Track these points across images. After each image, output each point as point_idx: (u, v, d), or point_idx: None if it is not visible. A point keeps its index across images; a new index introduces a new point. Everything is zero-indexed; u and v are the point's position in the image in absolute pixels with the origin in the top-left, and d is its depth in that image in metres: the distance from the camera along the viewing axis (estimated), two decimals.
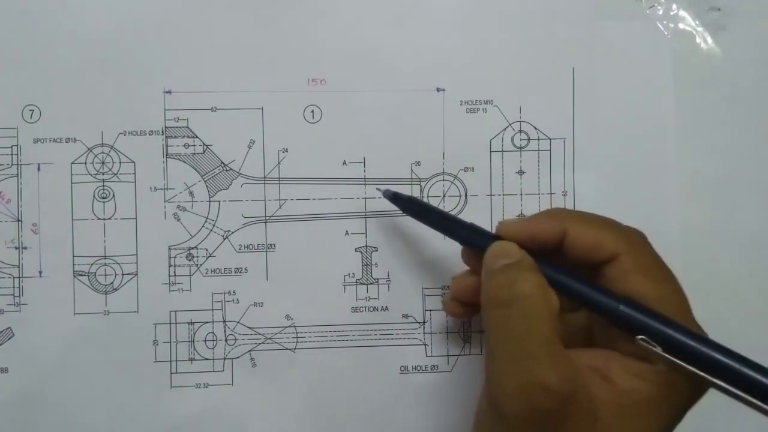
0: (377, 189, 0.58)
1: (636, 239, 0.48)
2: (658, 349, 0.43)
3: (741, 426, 0.59)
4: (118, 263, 0.58)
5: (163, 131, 0.58)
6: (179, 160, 0.58)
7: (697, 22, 0.61)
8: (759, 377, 0.42)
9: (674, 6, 0.61)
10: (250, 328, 0.59)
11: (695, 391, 0.44)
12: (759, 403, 0.42)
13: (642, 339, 0.43)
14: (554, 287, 0.45)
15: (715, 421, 0.60)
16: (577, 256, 0.48)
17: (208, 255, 0.58)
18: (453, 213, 0.59)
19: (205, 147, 0.58)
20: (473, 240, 0.51)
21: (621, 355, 0.45)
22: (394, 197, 0.56)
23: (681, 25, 0.61)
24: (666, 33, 0.61)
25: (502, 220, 0.51)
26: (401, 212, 0.55)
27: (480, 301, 0.48)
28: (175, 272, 0.58)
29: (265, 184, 0.59)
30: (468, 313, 0.54)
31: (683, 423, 0.45)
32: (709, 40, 0.61)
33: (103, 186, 0.58)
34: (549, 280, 0.45)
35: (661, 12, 0.61)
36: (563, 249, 0.48)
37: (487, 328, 0.45)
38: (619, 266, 0.46)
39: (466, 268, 0.53)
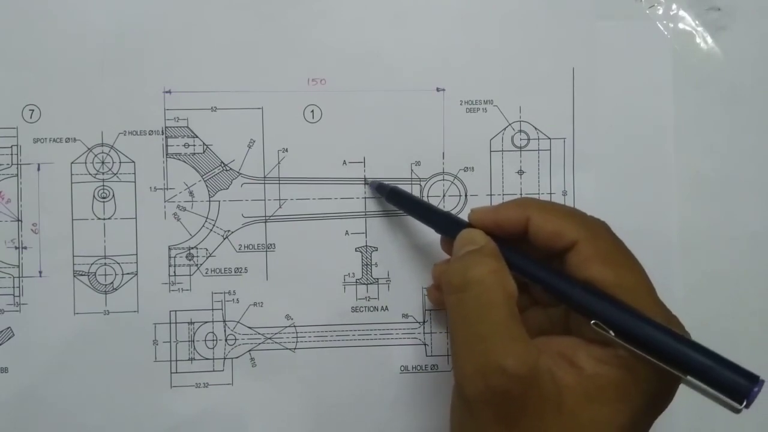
0: (364, 182, 0.59)
1: (597, 227, 0.49)
2: (610, 333, 0.43)
3: (741, 427, 0.59)
4: (118, 263, 0.58)
5: (163, 131, 0.58)
6: (179, 159, 0.58)
7: (697, 22, 0.61)
8: (707, 361, 0.42)
9: (674, 6, 0.61)
10: (250, 327, 0.59)
11: (658, 378, 0.44)
12: (706, 387, 0.41)
13: (595, 323, 0.44)
14: (517, 273, 0.46)
15: (716, 423, 0.60)
16: (540, 243, 0.48)
17: (208, 255, 0.58)
18: (454, 212, 0.59)
19: (205, 147, 0.58)
20: (447, 228, 0.52)
21: (587, 342, 0.45)
22: (379, 187, 0.57)
23: (681, 25, 0.61)
24: (666, 33, 0.61)
25: (474, 208, 0.51)
26: (401, 212, 0.55)
27: None
28: (175, 272, 0.58)
29: (265, 183, 0.59)
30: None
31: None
32: (709, 40, 0.61)
33: (103, 186, 0.58)
34: (511, 265, 0.46)
35: (660, 12, 0.61)
36: (528, 237, 0.49)
37: (448, 312, 0.46)
38: (579, 253, 0.46)
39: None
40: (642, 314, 0.43)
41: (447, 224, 0.52)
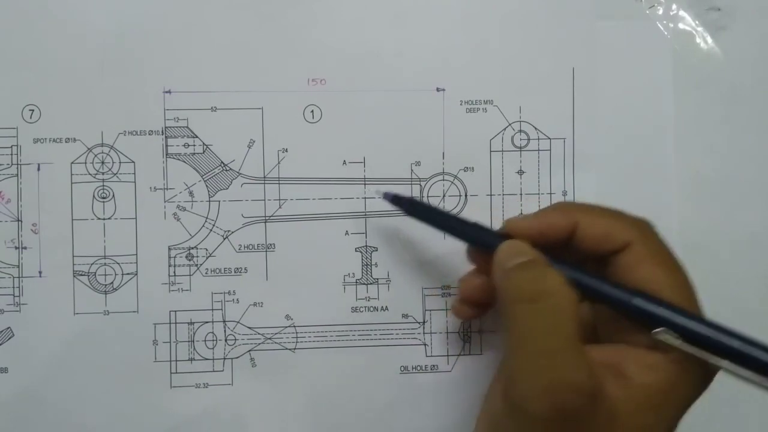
0: (376, 192, 0.58)
1: (646, 227, 0.48)
2: (678, 341, 0.43)
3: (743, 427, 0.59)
4: (118, 263, 0.58)
5: (162, 131, 0.58)
6: (179, 160, 0.58)
7: (697, 22, 0.61)
8: None
9: (674, 6, 0.61)
10: (249, 328, 0.59)
11: (707, 376, 0.44)
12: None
13: (659, 331, 0.43)
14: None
15: (715, 423, 0.60)
16: (587, 247, 0.47)
17: (208, 255, 0.58)
18: (453, 213, 0.59)
19: (204, 147, 0.58)
20: (481, 239, 0.51)
21: (633, 348, 0.45)
22: (395, 199, 0.55)
23: (681, 25, 0.61)
24: (666, 33, 0.61)
25: (509, 218, 0.50)
26: (401, 212, 0.55)
27: (486, 299, 0.50)
28: (174, 272, 0.58)
29: (264, 184, 0.59)
30: (478, 313, 0.54)
31: (685, 423, 0.45)
32: (709, 40, 0.61)
33: (103, 186, 0.58)
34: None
35: (660, 12, 0.61)
36: (572, 242, 0.48)
37: (511, 324, 0.44)
38: (631, 255, 0.46)
39: (469, 268, 0.53)
40: (704, 317, 0.44)
41: (481, 235, 0.51)
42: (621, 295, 0.45)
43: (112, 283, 0.58)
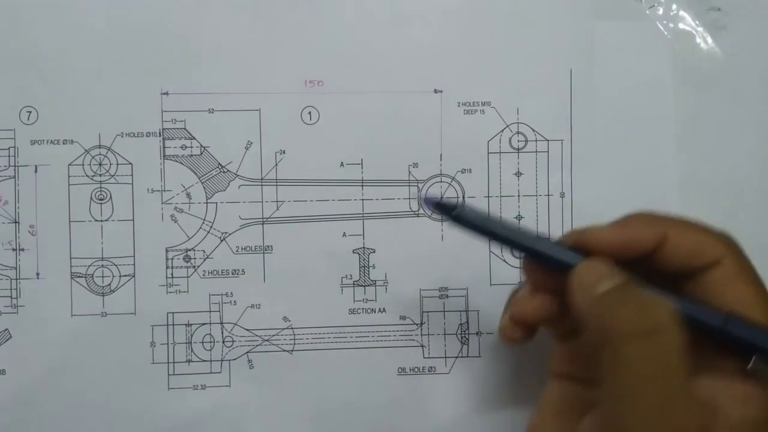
0: (417, 194, 0.59)
1: (733, 242, 0.45)
2: None
3: None
4: (116, 265, 0.58)
5: (160, 133, 0.58)
6: (176, 161, 0.58)
7: (697, 22, 0.61)
8: None
9: (674, 6, 0.61)
10: (247, 329, 0.59)
11: None
12: None
13: (756, 359, 0.40)
14: None
15: None
16: (675, 263, 0.43)
17: (206, 256, 0.58)
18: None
19: (202, 148, 0.58)
20: (552, 256, 0.45)
21: (725, 379, 0.41)
22: (439, 207, 0.48)
23: (681, 25, 0.61)
24: (666, 33, 0.61)
25: (584, 228, 0.46)
26: (397, 214, 0.55)
27: (545, 321, 0.46)
28: (172, 274, 0.58)
29: (262, 185, 0.59)
30: (531, 336, 0.48)
31: None
32: (709, 40, 0.61)
33: (101, 188, 0.58)
34: None
35: (661, 12, 0.61)
36: (658, 256, 0.44)
37: (618, 364, 0.38)
38: (722, 272, 0.42)
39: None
40: None
41: (552, 252, 0.45)
42: (713, 319, 0.41)
43: (109, 284, 0.58)
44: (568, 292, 0.43)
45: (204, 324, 0.58)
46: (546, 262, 0.45)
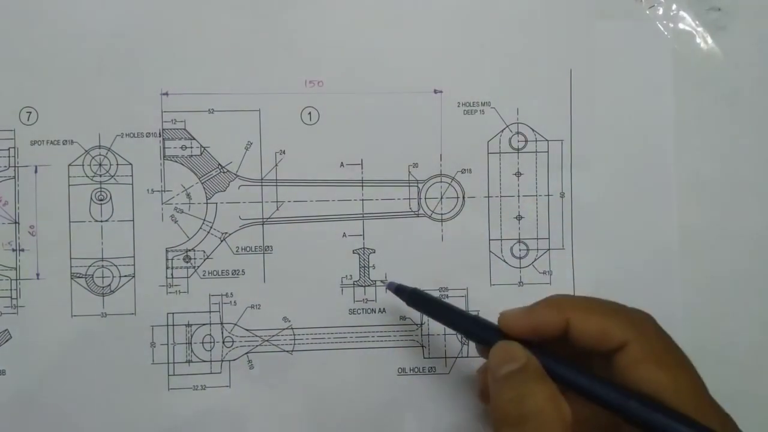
0: (381, 282, 0.59)
1: (644, 324, 0.47)
2: None
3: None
4: (116, 265, 0.58)
5: (160, 133, 0.58)
6: (176, 161, 0.58)
7: (697, 22, 0.61)
8: None
9: (674, 6, 0.61)
10: (247, 330, 0.59)
11: None
12: None
13: None
14: (560, 383, 0.44)
15: None
16: (584, 345, 0.46)
17: (206, 257, 0.58)
18: (450, 215, 0.59)
19: (202, 149, 0.58)
20: (478, 334, 0.50)
21: None
22: (398, 290, 0.55)
23: (681, 25, 0.61)
24: (666, 33, 0.61)
25: (504, 311, 0.49)
26: (397, 214, 0.55)
27: None
28: (172, 274, 0.58)
29: (262, 185, 0.59)
30: None
31: None
32: (709, 40, 0.61)
33: (101, 188, 0.58)
34: (554, 376, 0.45)
35: (661, 12, 0.61)
36: (569, 339, 0.47)
37: None
38: (629, 355, 0.45)
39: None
40: (703, 427, 0.42)
41: (476, 330, 0.50)
42: (617, 398, 0.44)
43: (109, 285, 0.58)
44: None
45: (204, 324, 0.58)
46: (477, 342, 0.51)
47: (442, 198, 0.59)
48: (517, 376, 0.44)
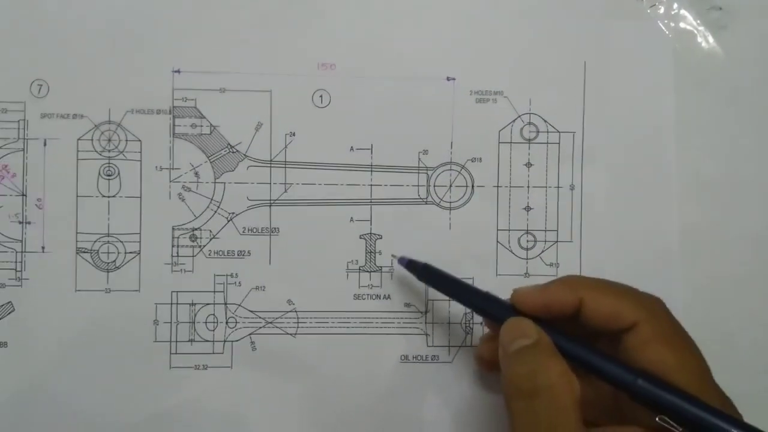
0: (392, 256, 0.59)
1: (655, 306, 0.48)
2: (678, 429, 0.43)
3: None
4: (121, 241, 0.58)
5: (170, 110, 0.58)
6: (186, 140, 0.58)
7: (698, 22, 0.61)
8: None
9: (675, 5, 0.61)
10: (251, 311, 0.58)
11: None
12: None
13: (661, 418, 0.43)
14: (570, 360, 0.45)
15: None
16: (595, 325, 0.47)
17: (212, 236, 0.58)
18: (460, 203, 0.59)
19: (212, 128, 0.58)
20: (490, 310, 0.51)
21: (637, 429, 0.45)
22: (409, 265, 0.56)
23: (682, 25, 0.61)
24: (667, 32, 0.61)
25: (517, 288, 0.50)
26: (406, 200, 0.55)
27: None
28: (177, 252, 0.58)
29: (271, 167, 0.58)
30: (492, 371, 0.54)
31: None
32: (710, 39, 0.62)
33: (109, 163, 0.57)
34: (564, 352, 0.45)
35: (662, 11, 0.61)
36: (580, 318, 0.48)
37: (511, 419, 0.44)
38: (638, 335, 0.46)
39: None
40: (709, 406, 0.43)
41: (489, 306, 0.51)
42: (625, 375, 0.45)
43: (114, 261, 0.58)
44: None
45: (208, 304, 0.58)
46: (489, 317, 0.52)
47: (451, 186, 0.59)
48: (530, 351, 0.45)
